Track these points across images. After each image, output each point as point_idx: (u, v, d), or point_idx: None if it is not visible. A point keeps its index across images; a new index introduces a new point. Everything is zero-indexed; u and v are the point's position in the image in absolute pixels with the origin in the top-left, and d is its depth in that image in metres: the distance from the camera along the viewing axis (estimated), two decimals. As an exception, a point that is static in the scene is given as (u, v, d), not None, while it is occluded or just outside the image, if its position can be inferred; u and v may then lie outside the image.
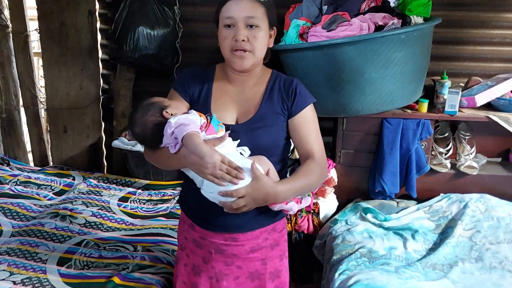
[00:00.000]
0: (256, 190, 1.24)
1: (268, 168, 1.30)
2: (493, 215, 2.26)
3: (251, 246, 1.40)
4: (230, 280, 1.42)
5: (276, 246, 1.45)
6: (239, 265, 1.41)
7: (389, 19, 2.15)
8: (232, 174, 1.20)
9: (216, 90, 1.42)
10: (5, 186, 2.48)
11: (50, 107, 2.94)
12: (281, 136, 1.39)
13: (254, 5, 1.32)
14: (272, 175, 1.31)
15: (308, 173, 1.34)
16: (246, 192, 1.23)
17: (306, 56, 2.19)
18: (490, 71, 2.70)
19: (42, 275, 1.75)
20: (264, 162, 1.31)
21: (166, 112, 1.31)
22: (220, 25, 1.35)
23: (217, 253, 1.41)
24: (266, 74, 1.45)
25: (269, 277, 1.44)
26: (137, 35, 2.59)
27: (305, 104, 1.39)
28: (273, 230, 1.44)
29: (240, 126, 1.36)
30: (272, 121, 1.37)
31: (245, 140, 1.33)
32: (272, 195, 1.26)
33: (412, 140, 2.38)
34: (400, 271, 1.94)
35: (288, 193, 1.29)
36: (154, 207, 2.41)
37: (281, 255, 1.48)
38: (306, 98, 1.40)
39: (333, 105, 2.25)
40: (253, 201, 1.25)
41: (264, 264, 1.43)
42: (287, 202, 1.32)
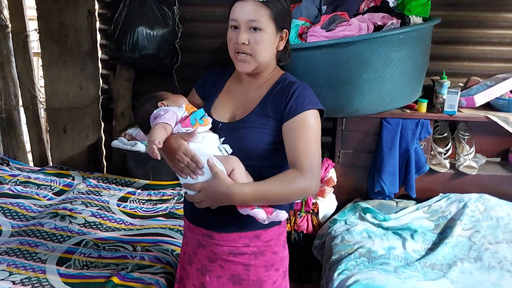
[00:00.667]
0: (210, 187, 1.23)
1: (233, 168, 1.26)
2: (492, 215, 2.27)
3: (230, 248, 1.38)
4: (212, 277, 1.42)
5: (260, 255, 1.39)
6: (222, 264, 1.40)
7: (388, 19, 2.15)
8: (191, 167, 1.25)
9: (226, 88, 1.45)
10: (5, 186, 2.48)
11: (49, 107, 2.94)
12: (266, 140, 1.32)
13: (258, 8, 1.28)
14: (237, 176, 1.26)
15: (283, 181, 1.25)
16: (201, 187, 1.25)
17: (305, 56, 2.19)
18: (489, 71, 2.70)
19: (41, 275, 1.75)
20: (231, 162, 1.28)
21: (161, 103, 1.38)
22: (229, 26, 1.35)
23: (200, 247, 1.43)
24: (275, 77, 1.40)
25: (250, 284, 1.39)
26: (137, 35, 2.60)
27: (300, 110, 1.29)
28: (256, 238, 1.38)
29: (228, 125, 1.36)
30: (259, 123, 1.33)
31: (229, 139, 1.33)
32: (225, 195, 1.22)
33: (411, 140, 2.39)
34: (399, 271, 1.94)
35: (248, 196, 1.23)
36: (153, 207, 2.41)
37: (267, 266, 1.40)
38: (302, 104, 1.30)
39: (332, 105, 2.26)
40: (209, 198, 1.24)
41: (247, 270, 1.38)
42: (252, 208, 1.25)
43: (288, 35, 1.38)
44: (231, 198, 1.23)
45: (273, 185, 1.25)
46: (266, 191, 1.25)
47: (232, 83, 1.46)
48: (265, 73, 1.39)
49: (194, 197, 1.27)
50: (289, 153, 1.29)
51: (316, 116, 1.32)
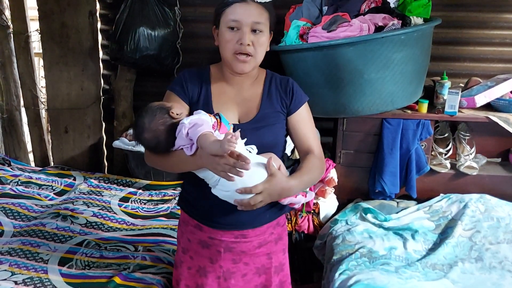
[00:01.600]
0: (273, 185, 1.27)
1: (280, 164, 1.34)
2: (493, 215, 2.27)
3: (259, 241, 1.44)
4: (238, 277, 1.44)
5: (279, 240, 1.51)
6: (246, 261, 1.44)
7: (389, 20, 2.15)
8: (237, 166, 1.16)
9: (214, 90, 1.43)
10: (6, 186, 2.49)
11: (51, 108, 2.94)
12: (282, 134, 1.45)
13: (261, 11, 1.35)
14: (283, 170, 1.35)
15: (312, 168, 1.39)
16: (263, 187, 1.26)
17: (306, 56, 2.19)
18: (490, 71, 2.71)
19: (43, 275, 1.76)
20: (275, 158, 1.35)
21: (172, 112, 1.30)
22: (223, 26, 1.36)
23: (226, 251, 1.43)
24: (262, 74, 1.49)
25: (274, 270, 1.48)
26: (138, 36, 2.60)
27: (302, 102, 1.45)
28: (277, 224, 1.49)
29: (244, 125, 1.38)
30: (273, 119, 1.42)
31: (250, 139, 1.34)
32: (286, 189, 1.30)
33: (412, 140, 2.39)
34: (400, 271, 1.94)
35: (298, 187, 1.34)
36: (154, 207, 2.41)
37: (284, 248, 1.53)
38: (302, 96, 1.46)
39: (333, 106, 2.26)
40: (269, 196, 1.28)
41: (270, 258, 1.48)
42: (296, 195, 1.37)
43: (272, 36, 1.46)
44: (290, 190, 1.32)
45: (307, 173, 1.38)
46: (305, 179, 1.37)
47: (219, 85, 1.44)
48: (254, 72, 1.45)
49: (254, 199, 1.24)
50: (303, 141, 1.45)
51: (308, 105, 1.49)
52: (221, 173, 1.20)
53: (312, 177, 1.40)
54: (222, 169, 1.19)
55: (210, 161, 1.21)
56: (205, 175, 1.31)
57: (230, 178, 1.19)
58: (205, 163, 1.24)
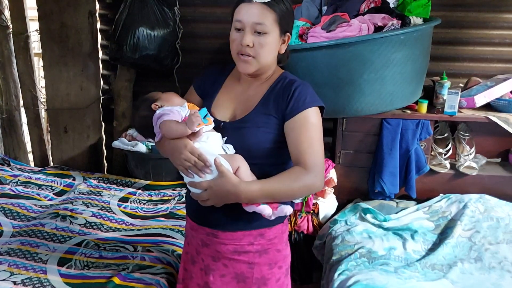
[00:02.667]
0: (217, 186, 1.25)
1: (238, 167, 1.28)
2: (492, 215, 2.27)
3: (234, 247, 1.39)
4: (216, 276, 1.43)
5: (264, 253, 1.41)
6: (225, 263, 1.42)
7: (389, 20, 2.15)
8: (198, 166, 1.25)
9: (225, 86, 1.46)
10: (6, 187, 2.49)
11: (50, 108, 2.94)
12: (269, 139, 1.34)
13: (264, 12, 1.29)
14: (243, 174, 1.27)
15: (289, 178, 1.28)
16: (208, 186, 1.26)
17: (306, 56, 2.19)
18: (490, 71, 2.70)
19: (42, 276, 1.76)
20: (236, 160, 1.29)
21: (155, 105, 1.37)
22: (232, 26, 1.35)
23: (203, 246, 1.44)
24: (275, 75, 1.42)
25: (254, 282, 1.40)
26: (137, 36, 2.60)
27: (301, 109, 1.31)
28: (260, 236, 1.39)
29: (230, 124, 1.37)
30: (261, 122, 1.34)
31: (232, 138, 1.34)
32: (232, 193, 1.25)
33: (412, 140, 2.39)
34: (400, 271, 1.94)
35: (255, 194, 1.25)
36: (154, 207, 2.41)
37: (271, 264, 1.42)
38: (304, 102, 1.32)
39: (333, 106, 2.25)
40: (215, 196, 1.26)
41: (251, 268, 1.40)
42: (258, 204, 1.28)
43: (290, 38, 1.39)
44: (238, 196, 1.26)
45: (278, 183, 1.28)
46: (272, 188, 1.27)
47: (232, 81, 1.46)
48: (266, 74, 1.41)
49: (200, 196, 1.28)
50: (293, 151, 1.32)
51: (317, 113, 1.35)
52: (179, 167, 1.29)
53: (285, 189, 1.28)
54: (180, 163, 1.28)
55: (170, 152, 1.30)
56: None
57: (187, 174, 1.28)
58: (166, 152, 1.33)
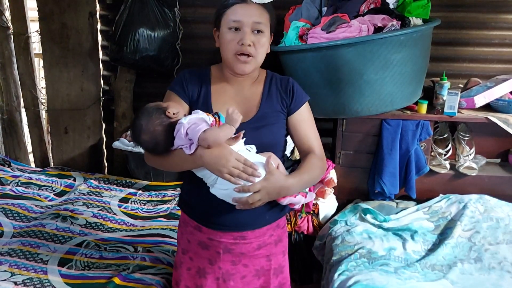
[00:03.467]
0: (271, 184, 1.27)
1: (278, 163, 1.35)
2: (492, 215, 2.27)
3: (258, 243, 1.44)
4: (237, 279, 1.44)
5: (279, 242, 1.50)
6: (246, 263, 1.44)
7: (388, 21, 2.15)
8: (248, 172, 1.24)
9: (215, 90, 1.44)
10: (6, 187, 2.49)
11: (51, 108, 2.95)
12: (282, 134, 1.45)
13: (261, 11, 1.36)
14: (282, 169, 1.35)
15: (312, 167, 1.39)
16: (261, 186, 1.27)
17: (306, 57, 2.20)
18: (489, 72, 2.71)
19: (43, 276, 1.76)
20: (274, 157, 1.35)
21: (168, 112, 1.30)
22: (224, 27, 1.37)
23: (225, 252, 1.42)
24: (262, 74, 1.49)
25: (273, 273, 1.48)
26: (138, 37, 2.60)
27: (302, 102, 1.46)
28: (277, 226, 1.48)
29: (243, 125, 1.36)
30: (273, 119, 1.42)
31: (250, 138, 1.35)
32: (285, 188, 1.30)
33: (412, 141, 2.39)
34: (399, 272, 1.94)
35: (297, 186, 1.34)
36: (154, 208, 2.41)
37: (284, 251, 1.53)
38: (302, 96, 1.46)
39: (333, 106, 2.26)
40: (268, 194, 1.28)
41: (269, 260, 1.47)
42: (295, 195, 1.36)
43: (272, 37, 1.46)
44: (289, 190, 1.32)
45: (307, 172, 1.38)
46: (305, 178, 1.37)
47: (219, 85, 1.45)
48: (255, 73, 1.45)
49: (252, 198, 1.26)
50: (303, 141, 1.45)
51: (308, 105, 1.50)
52: (226, 175, 1.22)
53: (311, 176, 1.40)
54: (228, 172, 1.22)
55: (214, 162, 1.23)
56: (203, 173, 1.32)
57: (236, 181, 1.23)
58: (207, 163, 1.24)
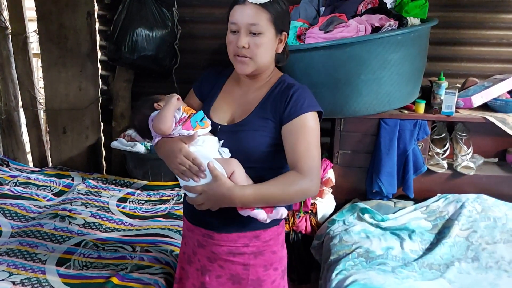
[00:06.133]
0: (211, 190, 1.25)
1: (233, 171, 1.28)
2: (489, 215, 2.28)
3: (229, 248, 1.39)
4: (212, 277, 1.43)
5: (259, 255, 1.40)
6: (221, 264, 1.42)
7: (386, 21, 2.16)
8: (193, 171, 1.27)
9: (225, 89, 1.46)
10: (5, 187, 2.49)
11: (49, 108, 2.95)
12: (266, 142, 1.33)
13: (258, 12, 1.29)
14: (238, 178, 1.28)
15: (283, 183, 1.27)
16: (202, 190, 1.27)
17: (304, 57, 2.20)
18: (487, 72, 2.71)
19: (41, 276, 1.76)
20: (231, 164, 1.29)
21: (157, 105, 1.38)
22: (228, 28, 1.36)
23: (199, 246, 1.44)
24: (274, 78, 1.41)
25: (250, 283, 1.40)
26: (136, 37, 2.61)
27: (299, 113, 1.30)
28: (255, 238, 1.39)
29: (227, 127, 1.37)
30: (258, 126, 1.34)
31: (229, 142, 1.34)
32: (226, 197, 1.24)
33: (409, 140, 2.40)
34: (397, 271, 1.95)
35: (249, 198, 1.25)
36: (153, 207, 2.42)
37: (266, 265, 1.41)
38: (302, 107, 1.31)
39: (331, 106, 2.26)
40: (209, 200, 1.27)
41: (246, 269, 1.40)
42: (252, 209, 1.27)
43: (287, 37, 1.39)
44: (232, 200, 1.25)
45: (273, 187, 1.27)
46: (267, 193, 1.27)
47: (231, 84, 1.46)
48: (264, 75, 1.40)
49: (194, 200, 1.29)
50: (289, 155, 1.31)
51: (315, 118, 1.34)
52: (174, 171, 1.31)
53: (279, 193, 1.27)
54: (175, 167, 1.29)
55: (166, 155, 1.32)
56: None
57: (182, 177, 1.30)
58: (162, 156, 1.34)
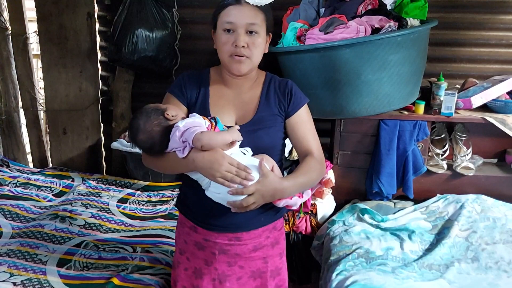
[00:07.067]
0: (265, 186, 1.27)
1: (273, 165, 1.35)
2: (489, 215, 2.28)
3: (254, 244, 1.44)
4: (233, 280, 1.44)
5: (276, 244, 1.49)
6: (242, 265, 1.44)
7: (386, 22, 2.17)
8: (242, 176, 1.24)
9: (213, 93, 1.44)
10: (5, 188, 2.49)
11: (49, 109, 2.95)
12: (279, 137, 1.44)
13: (255, 12, 1.35)
14: (277, 171, 1.35)
15: (309, 170, 1.38)
16: (255, 189, 1.27)
17: (304, 58, 2.20)
18: (486, 72, 2.72)
19: (42, 277, 1.77)
20: (268, 159, 1.35)
21: (167, 114, 1.32)
22: (219, 29, 1.37)
23: (220, 253, 1.43)
24: (261, 77, 1.48)
25: (270, 275, 1.47)
26: (136, 37, 2.61)
27: (301, 104, 1.44)
28: (274, 228, 1.48)
29: (240, 128, 1.37)
30: (270, 122, 1.41)
31: (246, 141, 1.35)
32: (279, 190, 1.30)
33: (409, 141, 2.40)
34: (397, 272, 1.95)
35: (292, 188, 1.34)
36: (153, 208, 2.42)
37: (281, 253, 1.52)
38: (301, 98, 1.45)
39: (331, 107, 2.27)
40: (262, 197, 1.28)
41: (266, 262, 1.47)
42: (291, 197, 1.36)
43: (271, 38, 1.46)
44: (284, 192, 1.32)
45: (305, 175, 1.37)
46: (301, 181, 1.36)
47: (217, 87, 1.45)
48: (253, 74, 1.45)
49: (245, 200, 1.26)
50: (302, 144, 1.44)
51: (308, 107, 1.48)
52: (219, 179, 1.23)
53: (309, 179, 1.38)
54: (221, 176, 1.23)
55: (207, 166, 1.23)
56: (198, 176, 1.33)
57: (229, 185, 1.23)
58: (200, 167, 1.25)
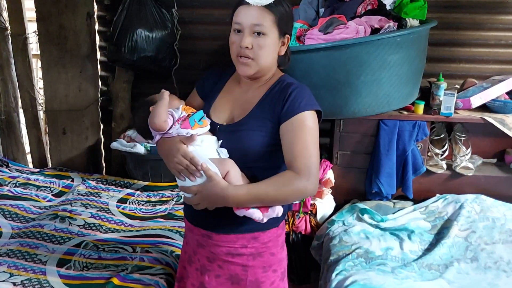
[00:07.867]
0: (206, 190, 1.26)
1: (228, 171, 1.28)
2: (488, 215, 2.29)
3: (228, 249, 1.40)
4: (211, 276, 1.44)
5: (258, 256, 1.41)
6: (220, 264, 1.42)
7: (385, 22, 2.17)
8: (190, 170, 1.28)
9: (226, 88, 1.47)
10: (4, 188, 2.49)
11: (49, 109, 2.95)
12: (264, 142, 1.33)
13: (262, 13, 1.30)
14: (232, 178, 1.28)
15: (278, 182, 1.27)
16: (197, 190, 1.28)
17: (303, 58, 2.21)
18: (486, 72, 2.72)
19: (42, 277, 1.77)
20: (226, 164, 1.30)
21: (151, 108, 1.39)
22: (232, 29, 1.36)
23: (199, 246, 1.45)
24: (274, 79, 1.41)
25: (248, 284, 1.41)
26: (136, 37, 2.61)
27: (296, 112, 1.29)
28: (253, 239, 1.39)
29: (226, 127, 1.37)
30: (256, 125, 1.34)
31: (227, 141, 1.35)
32: (220, 197, 1.25)
33: (408, 141, 2.40)
34: (396, 272, 1.96)
35: (243, 198, 1.25)
36: (152, 208, 2.42)
37: (265, 267, 1.41)
38: (299, 105, 1.30)
39: (330, 107, 2.27)
40: (204, 200, 1.27)
41: (245, 270, 1.40)
42: (247, 208, 1.27)
43: (289, 40, 1.39)
44: (226, 200, 1.25)
45: (268, 187, 1.26)
46: (261, 192, 1.26)
47: (232, 84, 1.47)
48: (265, 77, 1.41)
49: (191, 200, 1.31)
50: (286, 154, 1.30)
51: (314, 117, 1.33)
52: (172, 170, 1.32)
53: (274, 193, 1.26)
54: (173, 167, 1.31)
55: (164, 154, 1.34)
56: None
57: (179, 177, 1.31)
58: (161, 155, 1.36)
